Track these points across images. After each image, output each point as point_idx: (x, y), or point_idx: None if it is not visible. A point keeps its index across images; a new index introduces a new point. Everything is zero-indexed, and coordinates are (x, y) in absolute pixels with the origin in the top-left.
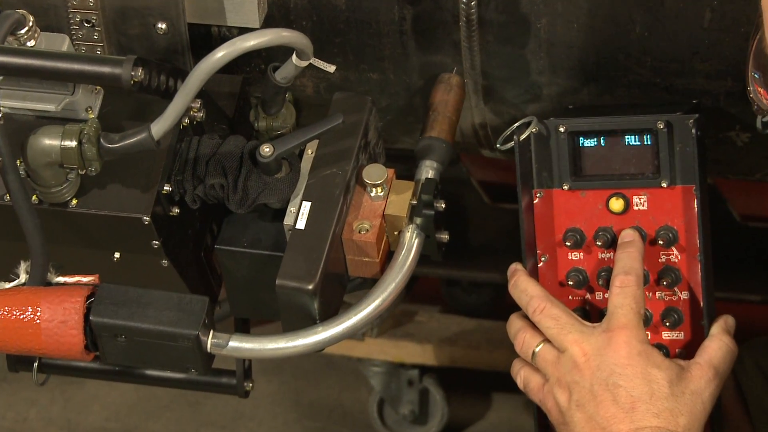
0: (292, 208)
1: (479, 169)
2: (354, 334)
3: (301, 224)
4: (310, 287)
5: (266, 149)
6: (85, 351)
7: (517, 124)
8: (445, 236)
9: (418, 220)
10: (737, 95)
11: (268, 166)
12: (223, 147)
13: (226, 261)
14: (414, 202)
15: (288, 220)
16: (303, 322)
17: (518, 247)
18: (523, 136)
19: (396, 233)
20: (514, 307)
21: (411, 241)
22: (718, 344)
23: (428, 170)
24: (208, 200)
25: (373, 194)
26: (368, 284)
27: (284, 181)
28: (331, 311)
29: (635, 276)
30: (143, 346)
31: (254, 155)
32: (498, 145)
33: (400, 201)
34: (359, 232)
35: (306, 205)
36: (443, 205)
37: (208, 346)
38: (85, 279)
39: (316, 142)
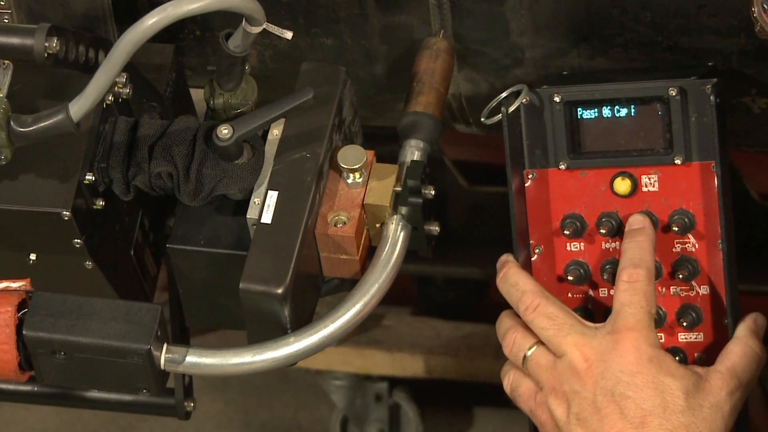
0: (256, 199)
1: (453, 147)
2: (331, 345)
3: (267, 218)
4: (280, 291)
5: (224, 131)
6: (18, 370)
7: (504, 94)
8: (435, 228)
9: (404, 210)
10: (752, 54)
11: (227, 151)
12: (170, 129)
13: (180, 262)
14: (398, 188)
15: (251, 213)
16: (271, 331)
17: (502, 237)
18: (511, 108)
19: (378, 225)
20: (499, 307)
21: (396, 235)
22: (742, 349)
23: (414, 151)
24: (153, 191)
25: (350, 181)
26: (347, 286)
27: (246, 167)
28: (304, 318)
29: (645, 269)
30: (86, 363)
31: (210, 138)
32: (482, 119)
33: (382, 188)
34: (335, 226)
35: (272, 195)
36: (432, 192)
37: (162, 362)
38: (15, 284)
39: (282, 121)
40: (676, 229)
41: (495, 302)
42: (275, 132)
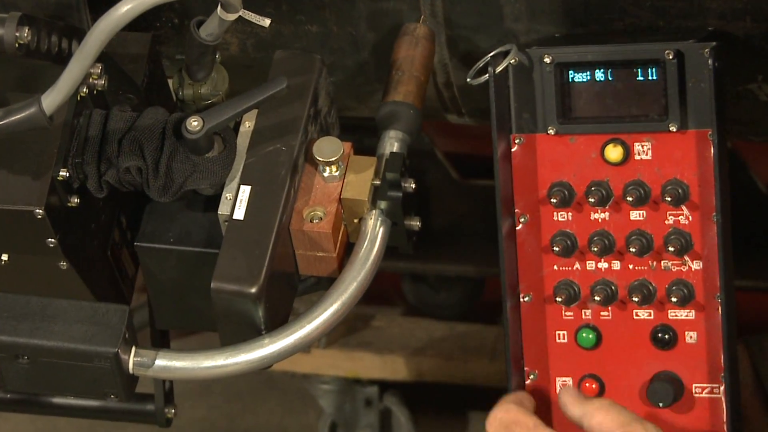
0: (227, 195)
1: (445, 139)
2: (308, 347)
3: (239, 214)
4: (253, 290)
5: (194, 123)
6: None
7: (492, 54)
8: (416, 223)
9: (383, 205)
10: (758, 38)
11: (197, 144)
12: (139, 121)
13: (148, 261)
14: (377, 182)
15: (223, 209)
16: (245, 333)
17: (497, 233)
18: (499, 69)
19: (356, 221)
20: (494, 306)
21: (375, 230)
22: None
23: (393, 143)
24: (123, 187)
25: (326, 174)
26: (324, 284)
27: (217, 161)
28: (279, 319)
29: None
30: (50, 368)
31: (179, 130)
32: (468, 80)
33: (360, 181)
34: (311, 221)
35: (245, 190)
36: (413, 185)
37: (130, 366)
38: None
39: (254, 112)
40: (669, 199)
41: (490, 301)
42: (247, 124)
